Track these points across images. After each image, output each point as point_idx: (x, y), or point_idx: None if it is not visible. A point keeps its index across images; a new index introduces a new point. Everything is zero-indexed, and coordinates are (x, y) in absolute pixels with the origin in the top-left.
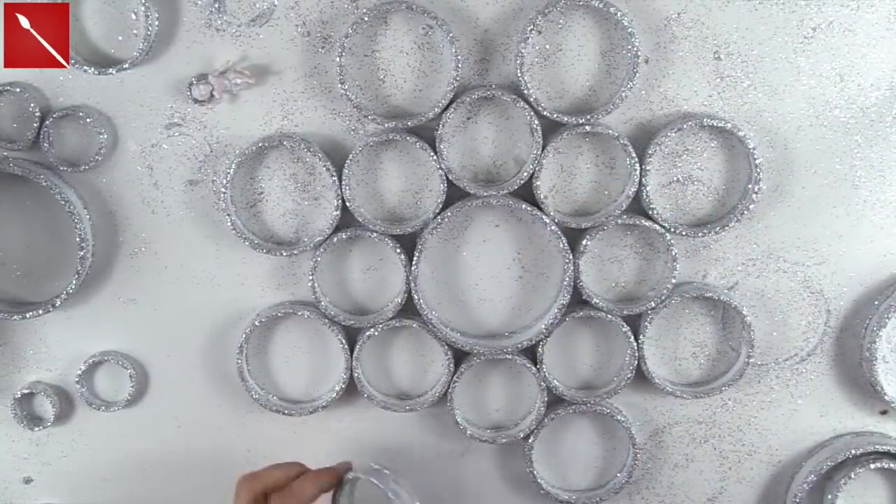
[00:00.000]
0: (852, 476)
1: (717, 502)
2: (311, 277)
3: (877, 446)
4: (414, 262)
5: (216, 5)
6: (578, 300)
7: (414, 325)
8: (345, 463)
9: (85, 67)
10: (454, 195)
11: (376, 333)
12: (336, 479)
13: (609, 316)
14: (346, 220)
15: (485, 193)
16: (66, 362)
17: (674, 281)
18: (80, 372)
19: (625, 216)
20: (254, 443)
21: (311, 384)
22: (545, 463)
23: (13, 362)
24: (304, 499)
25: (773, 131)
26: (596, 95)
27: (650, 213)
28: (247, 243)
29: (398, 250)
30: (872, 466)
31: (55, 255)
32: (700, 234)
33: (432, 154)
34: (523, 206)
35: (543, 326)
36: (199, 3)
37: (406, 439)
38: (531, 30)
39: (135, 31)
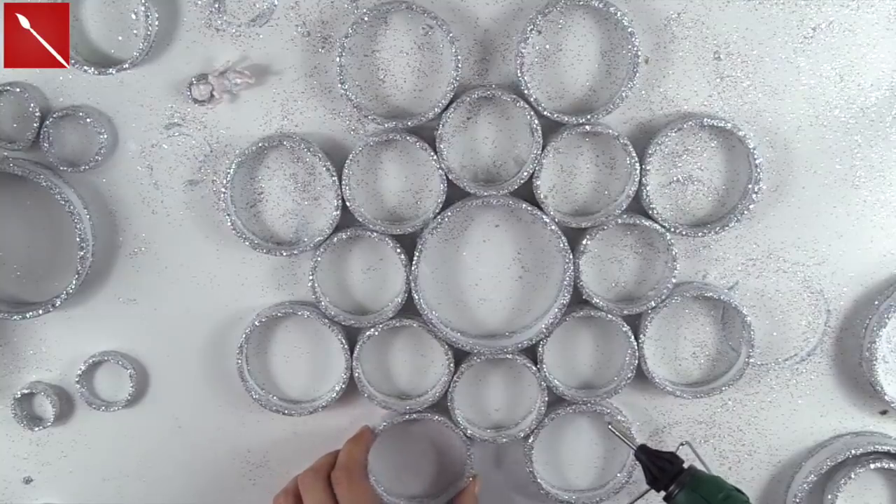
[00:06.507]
0: (852, 476)
1: None
2: (311, 277)
3: (877, 446)
4: (414, 262)
5: (216, 5)
6: (579, 300)
7: (414, 325)
8: (364, 427)
9: (85, 67)
10: (454, 195)
11: (376, 333)
12: (370, 437)
13: (609, 315)
14: (347, 219)
15: (485, 193)
16: (66, 362)
17: (674, 280)
18: (80, 372)
19: (625, 216)
20: (254, 443)
21: (311, 384)
22: (545, 463)
23: (13, 362)
24: (362, 462)
25: (773, 131)
26: (596, 95)
27: (650, 212)
28: (247, 243)
29: (398, 250)
30: (872, 466)
31: (55, 255)
32: (700, 234)
33: (432, 154)
34: (523, 205)
35: (544, 326)
36: (199, 3)
37: (405, 440)
38: (531, 30)
39: (135, 31)
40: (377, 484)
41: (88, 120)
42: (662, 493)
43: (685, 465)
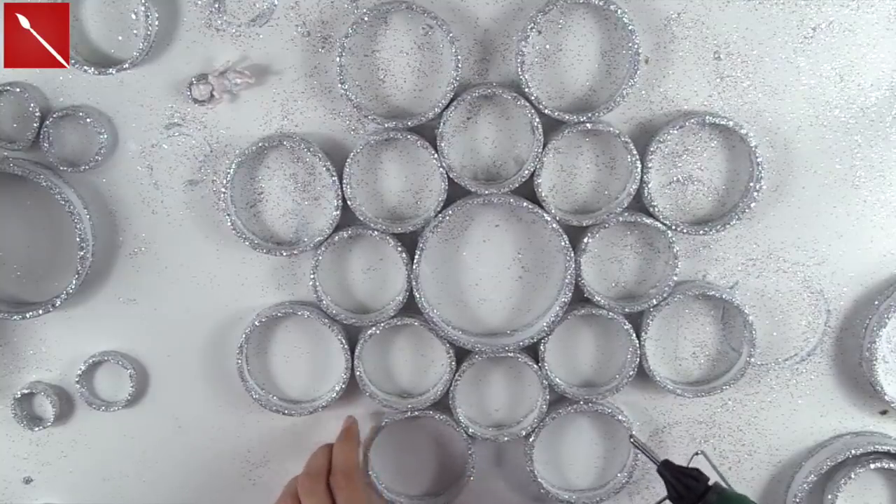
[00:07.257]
0: (852, 476)
1: None
2: (312, 276)
3: (877, 446)
4: (415, 261)
5: (216, 5)
6: (580, 298)
7: (415, 324)
8: (349, 419)
9: (85, 67)
10: (455, 194)
11: (378, 332)
12: (357, 431)
13: (611, 314)
14: (347, 219)
15: (486, 191)
16: (66, 362)
17: (675, 279)
18: (80, 372)
19: (626, 213)
20: (254, 443)
21: (311, 384)
22: (546, 462)
23: (13, 362)
24: (356, 461)
25: (774, 131)
26: (596, 95)
27: (651, 210)
28: (247, 243)
29: (399, 249)
30: (872, 466)
31: (55, 255)
32: (701, 232)
33: (433, 153)
34: (524, 203)
35: (545, 324)
36: (199, 3)
37: (406, 438)
38: (531, 28)
39: (135, 31)
40: (378, 481)
41: (88, 120)
42: None
43: (710, 483)
